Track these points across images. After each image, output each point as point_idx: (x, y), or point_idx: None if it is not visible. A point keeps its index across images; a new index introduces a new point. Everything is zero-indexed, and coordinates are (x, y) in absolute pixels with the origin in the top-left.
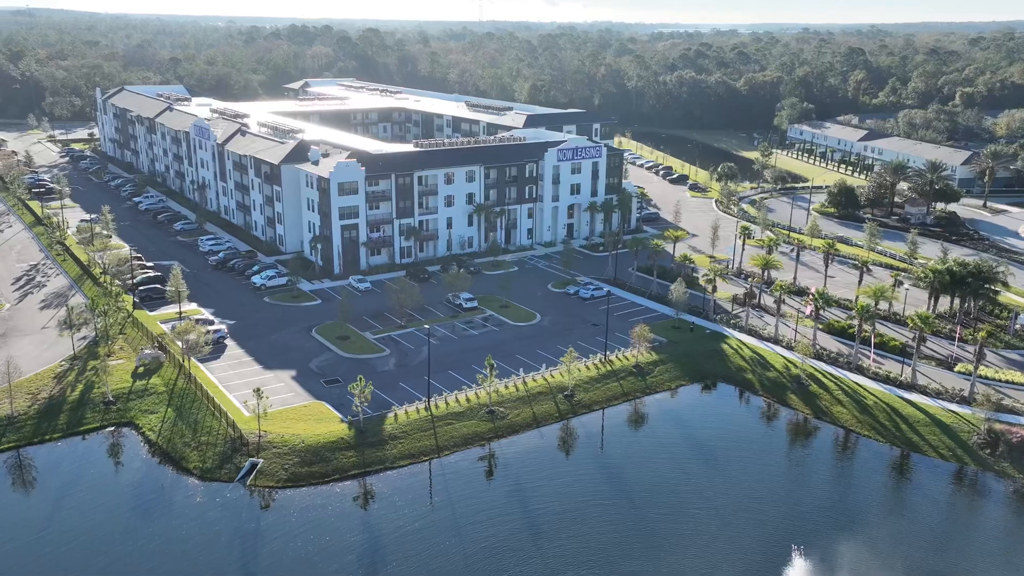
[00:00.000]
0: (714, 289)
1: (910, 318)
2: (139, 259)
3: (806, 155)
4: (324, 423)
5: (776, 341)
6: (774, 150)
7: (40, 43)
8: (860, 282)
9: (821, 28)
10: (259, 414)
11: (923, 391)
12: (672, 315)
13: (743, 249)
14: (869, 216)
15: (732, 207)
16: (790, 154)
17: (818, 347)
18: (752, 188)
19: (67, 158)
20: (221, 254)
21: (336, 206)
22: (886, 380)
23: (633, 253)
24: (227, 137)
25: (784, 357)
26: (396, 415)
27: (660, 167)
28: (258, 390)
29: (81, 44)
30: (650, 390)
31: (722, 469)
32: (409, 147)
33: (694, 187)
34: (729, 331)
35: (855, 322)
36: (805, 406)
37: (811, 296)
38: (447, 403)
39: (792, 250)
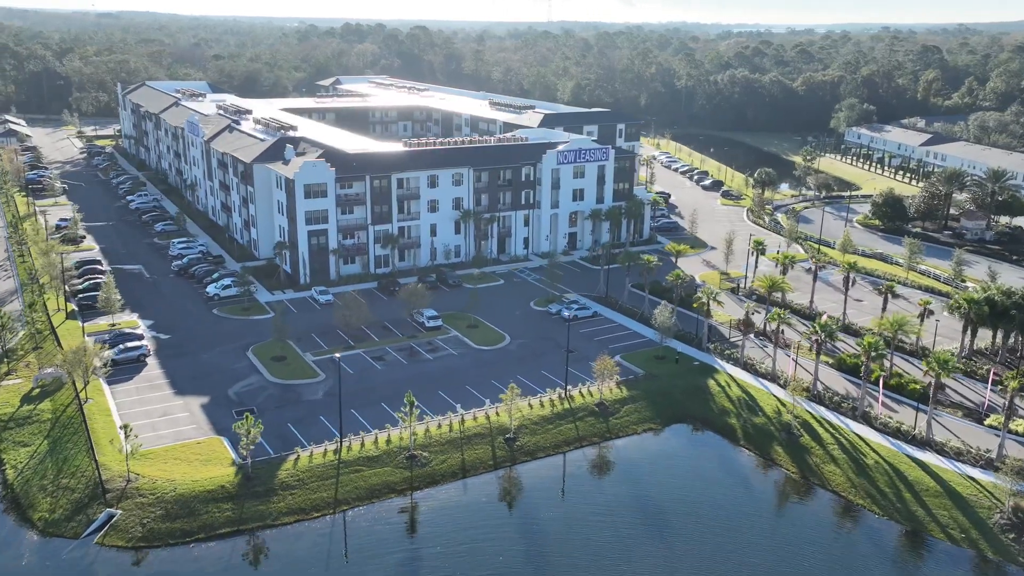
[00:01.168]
0: (708, 313)
1: (926, 360)
2: (97, 263)
3: (862, 160)
4: (211, 465)
5: (773, 378)
6: (827, 154)
7: (105, 42)
8: (884, 309)
9: (903, 27)
10: (128, 454)
11: (939, 450)
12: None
13: (755, 266)
14: (918, 230)
15: (764, 217)
16: (844, 159)
17: (819, 388)
18: (794, 196)
19: (85, 154)
20: (185, 259)
21: (302, 209)
22: (895, 433)
23: (625, 268)
24: (215, 134)
25: (777, 399)
26: (299, 458)
27: (695, 171)
28: (127, 426)
29: (134, 43)
30: (611, 434)
31: (668, 542)
32: (396, 147)
33: (727, 194)
34: (720, 363)
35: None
36: (791, 462)
37: (816, 324)
38: (363, 445)
39: (810, 269)
